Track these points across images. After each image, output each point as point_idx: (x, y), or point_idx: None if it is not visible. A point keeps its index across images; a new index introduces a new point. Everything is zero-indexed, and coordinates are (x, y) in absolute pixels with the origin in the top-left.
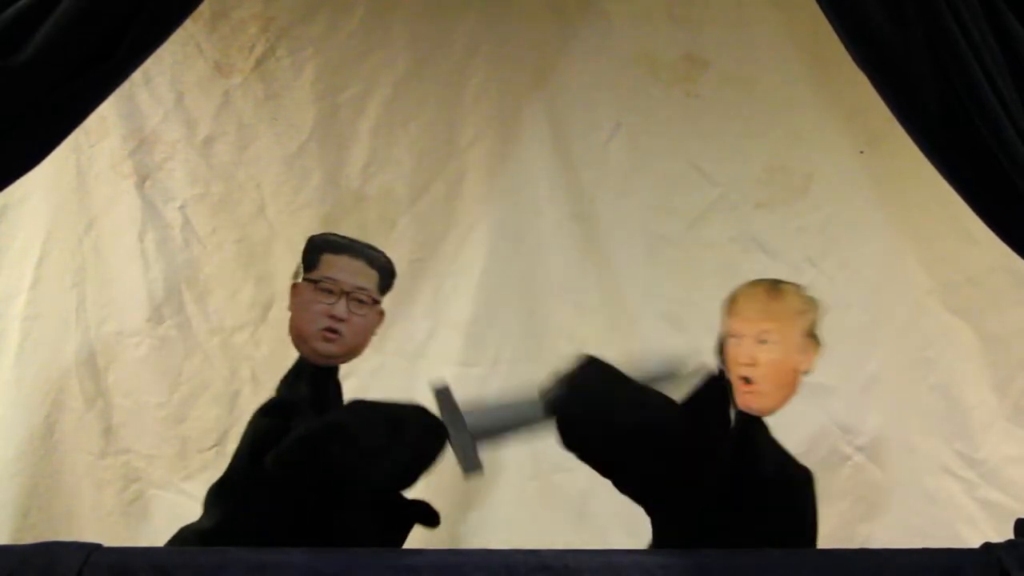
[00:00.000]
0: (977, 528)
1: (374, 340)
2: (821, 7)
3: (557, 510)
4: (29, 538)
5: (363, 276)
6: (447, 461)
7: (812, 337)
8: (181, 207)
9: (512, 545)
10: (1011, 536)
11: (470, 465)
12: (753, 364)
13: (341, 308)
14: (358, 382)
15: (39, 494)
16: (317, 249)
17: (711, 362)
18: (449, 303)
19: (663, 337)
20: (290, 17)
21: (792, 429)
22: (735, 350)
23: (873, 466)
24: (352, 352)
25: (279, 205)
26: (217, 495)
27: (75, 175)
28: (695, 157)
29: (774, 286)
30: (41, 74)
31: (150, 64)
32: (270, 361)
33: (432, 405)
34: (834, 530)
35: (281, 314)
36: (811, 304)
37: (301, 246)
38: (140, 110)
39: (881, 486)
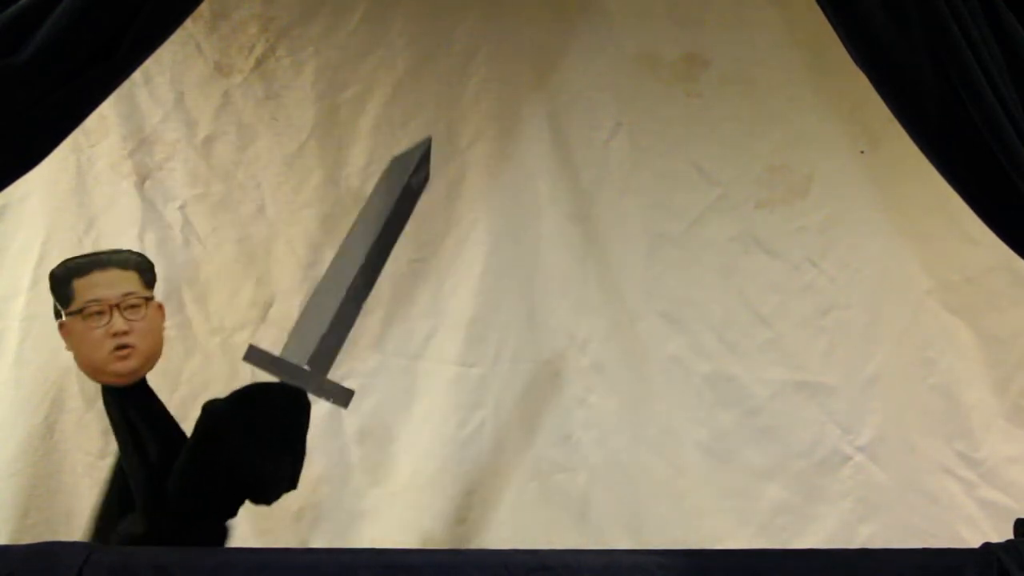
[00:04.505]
0: (977, 528)
1: (374, 341)
2: (821, 7)
3: (557, 510)
4: (28, 538)
5: (122, 281)
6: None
7: None
8: (181, 207)
9: (512, 545)
10: (1011, 536)
11: (338, 399)
12: None
13: (119, 323)
14: (358, 382)
15: (39, 494)
16: (65, 280)
17: None
18: (449, 303)
19: (663, 337)
20: (290, 17)
21: (793, 429)
22: None
23: (873, 466)
24: (152, 358)
25: (279, 205)
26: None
27: (75, 175)
28: (695, 157)
29: None
30: (41, 74)
31: (150, 64)
32: None
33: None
34: (834, 530)
35: (281, 314)
36: None
37: (301, 246)
38: (140, 110)
39: (881, 486)
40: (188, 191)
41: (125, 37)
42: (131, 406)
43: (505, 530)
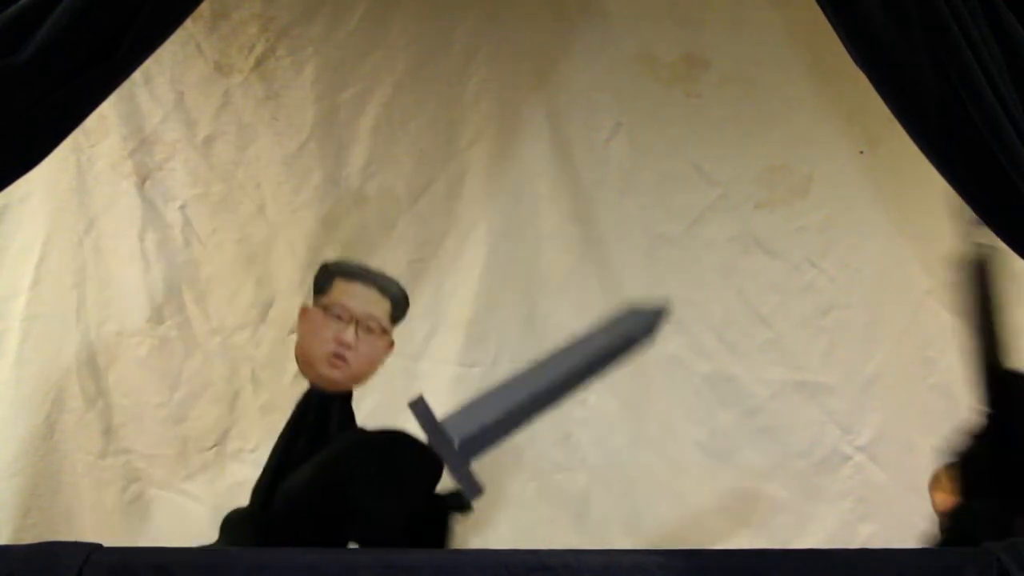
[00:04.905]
0: None
1: None
2: (821, 7)
3: (557, 510)
4: (29, 538)
5: (375, 304)
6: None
7: None
8: (181, 207)
9: (512, 545)
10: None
11: (469, 488)
12: None
13: (350, 335)
14: None
15: (39, 494)
16: (330, 275)
17: None
18: (449, 303)
19: (663, 337)
20: (290, 17)
21: (792, 429)
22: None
23: (873, 466)
24: (356, 379)
25: (279, 205)
26: (236, 526)
27: (75, 175)
28: (695, 157)
29: None
30: (41, 74)
31: (150, 64)
32: (270, 361)
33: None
34: (834, 530)
35: (281, 314)
36: None
37: (301, 246)
38: (140, 110)
39: (881, 486)
40: (188, 191)
41: (125, 37)
42: (310, 409)
43: (505, 530)
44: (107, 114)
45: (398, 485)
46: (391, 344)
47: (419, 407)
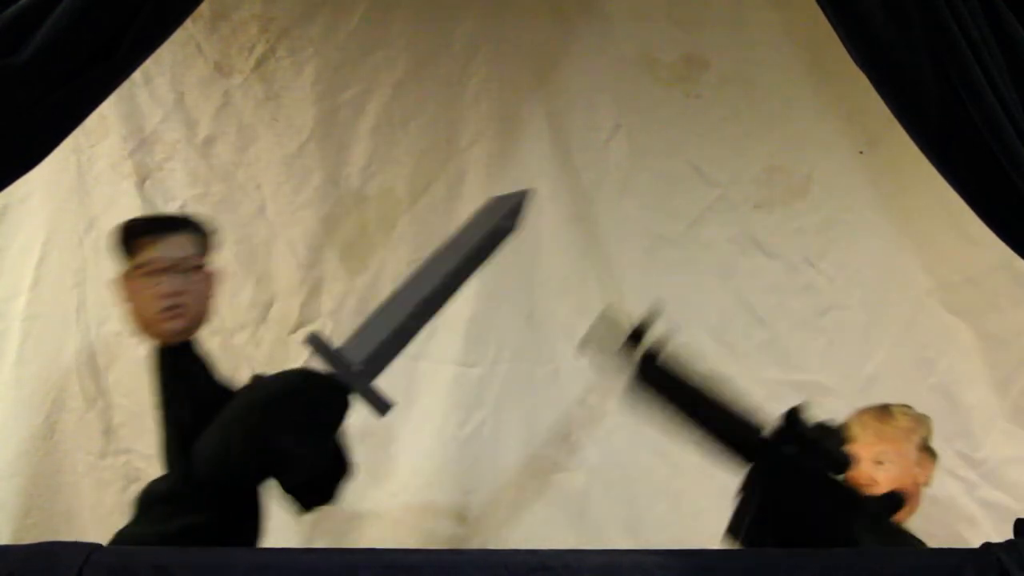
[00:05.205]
0: (977, 528)
1: None
2: (821, 7)
3: (557, 510)
4: (29, 538)
5: (179, 246)
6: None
7: (927, 451)
8: (181, 207)
9: (512, 545)
10: (1011, 536)
11: (379, 406)
12: (873, 484)
13: (171, 284)
14: None
15: (39, 494)
16: (125, 238)
17: None
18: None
19: (663, 338)
20: (290, 17)
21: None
22: (855, 473)
23: None
24: (197, 321)
25: (279, 205)
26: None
27: (75, 175)
28: (695, 157)
29: (883, 410)
30: (41, 74)
31: (150, 64)
32: (270, 361)
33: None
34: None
35: (281, 314)
36: (921, 421)
37: (301, 246)
38: (140, 110)
39: None
40: (188, 191)
41: (125, 37)
42: (173, 366)
43: (505, 530)
44: (107, 114)
45: (315, 420)
46: (212, 275)
47: (315, 341)
